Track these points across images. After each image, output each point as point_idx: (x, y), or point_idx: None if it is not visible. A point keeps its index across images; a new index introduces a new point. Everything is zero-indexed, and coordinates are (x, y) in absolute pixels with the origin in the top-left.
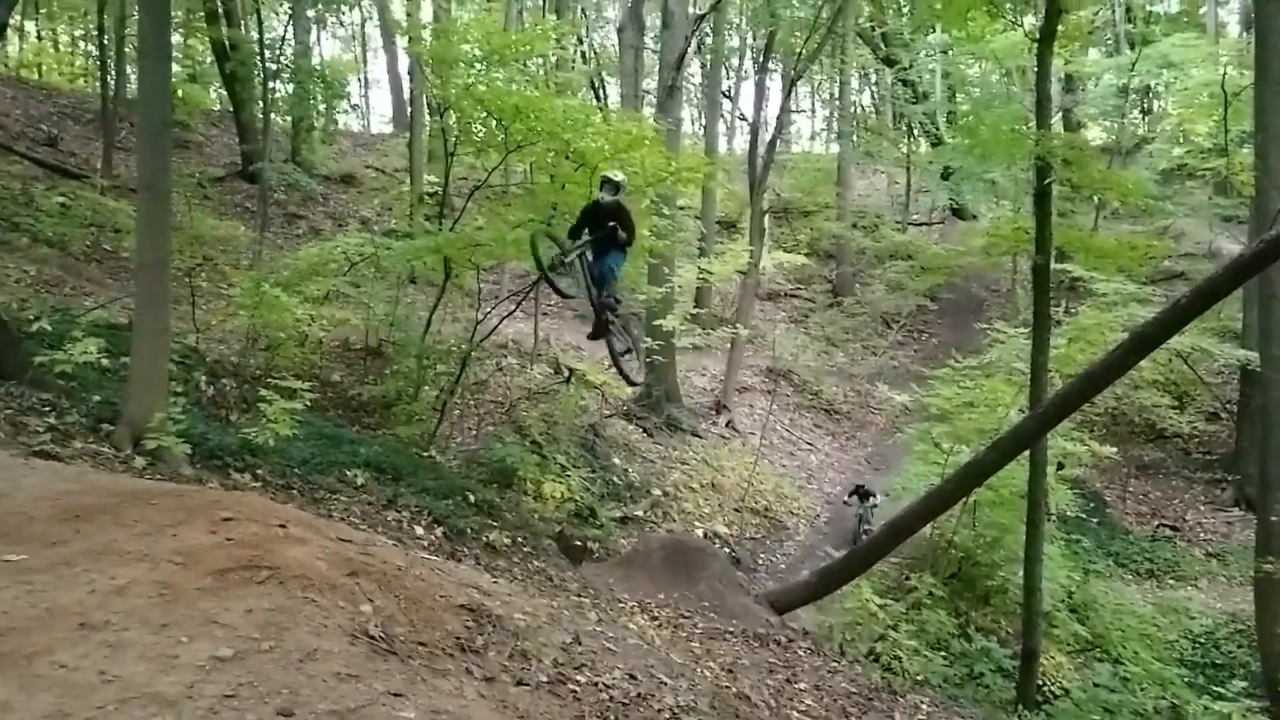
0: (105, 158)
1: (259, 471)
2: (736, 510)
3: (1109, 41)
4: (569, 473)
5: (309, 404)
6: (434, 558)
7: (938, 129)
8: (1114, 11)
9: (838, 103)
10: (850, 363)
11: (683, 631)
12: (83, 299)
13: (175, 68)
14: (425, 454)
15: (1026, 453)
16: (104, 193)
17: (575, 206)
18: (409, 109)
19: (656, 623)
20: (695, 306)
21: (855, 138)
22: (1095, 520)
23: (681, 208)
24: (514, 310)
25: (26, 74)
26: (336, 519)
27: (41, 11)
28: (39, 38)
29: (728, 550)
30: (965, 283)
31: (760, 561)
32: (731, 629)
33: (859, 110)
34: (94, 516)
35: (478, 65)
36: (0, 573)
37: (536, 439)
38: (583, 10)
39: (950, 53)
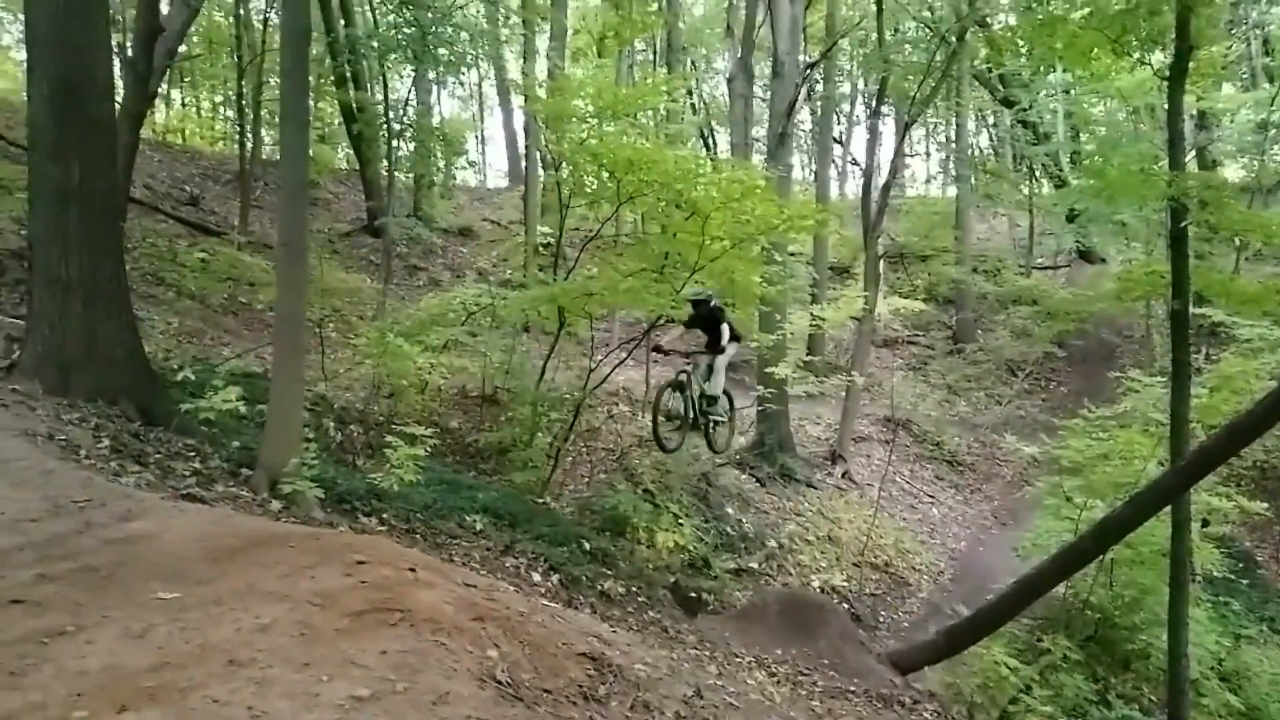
0: (242, 215)
1: (385, 515)
2: (855, 564)
3: (1244, 76)
4: (682, 522)
5: (430, 450)
6: (553, 604)
7: (1061, 170)
8: (1250, 45)
9: (954, 145)
10: (973, 412)
11: (802, 689)
12: (220, 349)
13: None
14: (540, 500)
15: (1168, 509)
16: (241, 248)
17: (686, 255)
18: (524, 163)
19: (775, 679)
20: (808, 354)
21: (974, 180)
22: (1245, 581)
23: (793, 254)
24: (625, 359)
25: (172, 138)
26: (458, 563)
27: (186, 80)
28: (183, 104)
29: (847, 606)
30: (1095, 329)
31: (881, 619)
32: (853, 688)
33: (977, 153)
34: (237, 557)
35: (590, 120)
36: (156, 610)
37: (649, 487)
38: (692, 62)
39: (1073, 92)
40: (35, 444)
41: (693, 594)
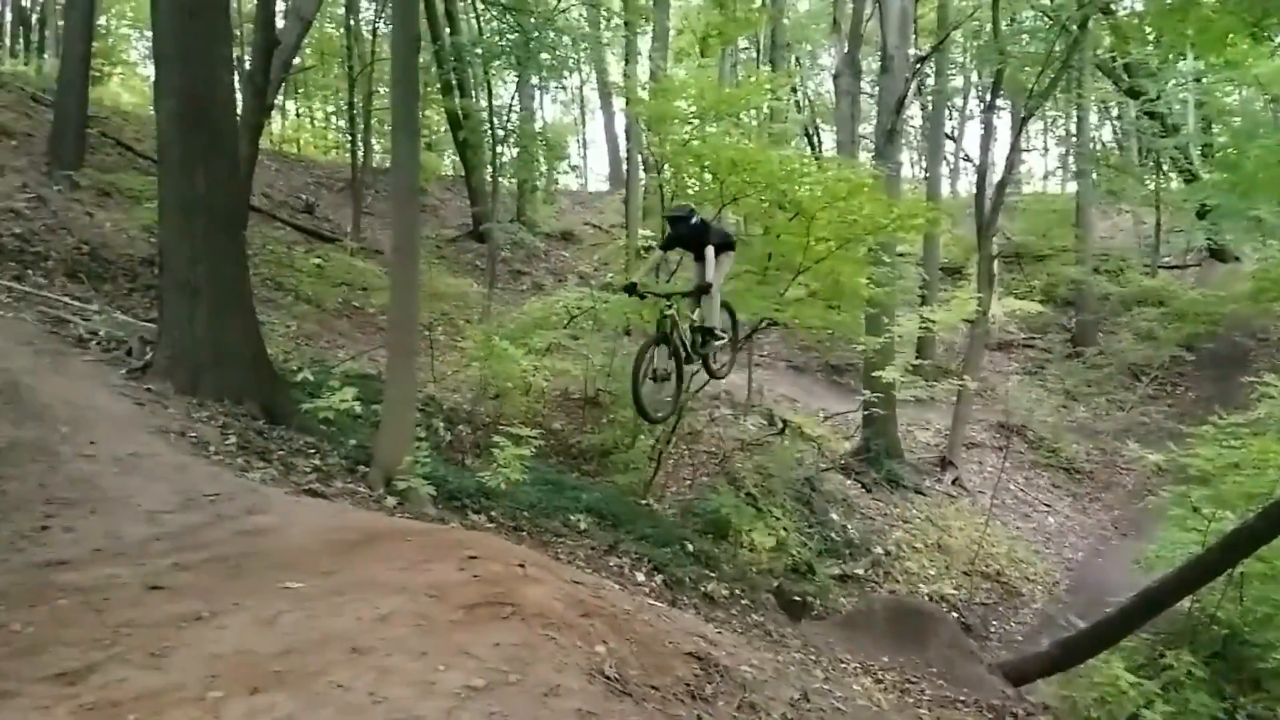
0: (354, 222)
1: (493, 513)
2: (965, 573)
3: None
4: (785, 527)
5: (534, 450)
6: (658, 604)
7: (1191, 164)
8: None
9: (1075, 140)
10: (1093, 418)
11: (910, 697)
12: (336, 351)
13: None
14: (642, 502)
15: None
16: (353, 254)
17: (790, 256)
18: (625, 166)
19: (882, 686)
20: (917, 357)
21: (1096, 176)
22: None
23: (902, 254)
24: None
25: (288, 148)
26: (564, 561)
27: (300, 91)
28: (298, 115)
29: (956, 615)
30: (1227, 331)
31: (993, 629)
32: (963, 698)
33: (1099, 147)
34: (356, 550)
35: (693, 121)
36: (282, 598)
37: (751, 491)
38: (797, 59)
39: (1205, 81)
40: (168, 440)
41: (796, 598)
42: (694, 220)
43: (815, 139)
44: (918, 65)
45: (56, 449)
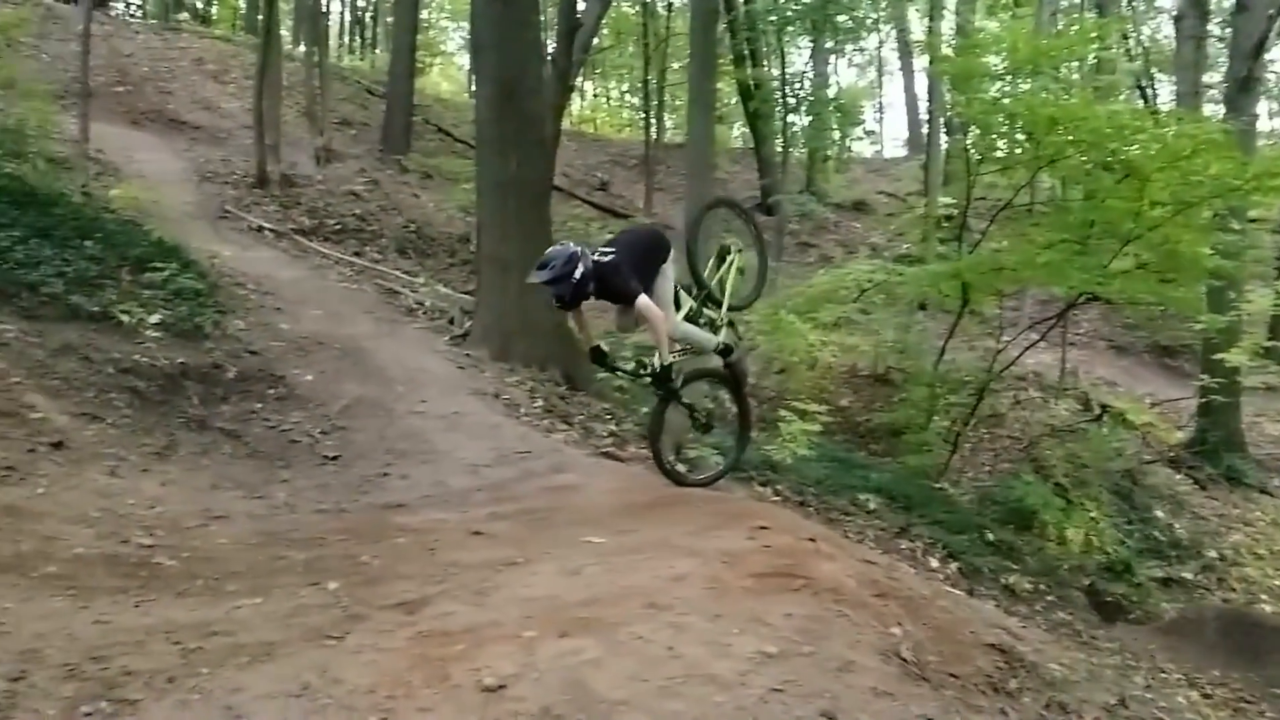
0: (646, 198)
1: (778, 487)
2: None
3: None
4: (1099, 522)
5: (821, 427)
6: (955, 592)
7: None
8: None
9: None
10: None
11: (1245, 717)
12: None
13: None
14: (936, 485)
15: None
16: None
17: (1117, 224)
18: (925, 130)
19: (1211, 702)
20: (1270, 339)
21: None
22: None
23: (1253, 220)
24: (1038, 340)
25: (585, 128)
26: (853, 540)
27: (597, 72)
28: (594, 95)
29: None
30: None
31: None
32: None
33: None
34: (650, 512)
35: (1005, 78)
36: (585, 552)
37: (1060, 481)
38: (1129, 1)
39: None
40: (485, 402)
41: (1110, 599)
42: (576, 272)
43: (1150, 91)
44: None
45: (392, 406)
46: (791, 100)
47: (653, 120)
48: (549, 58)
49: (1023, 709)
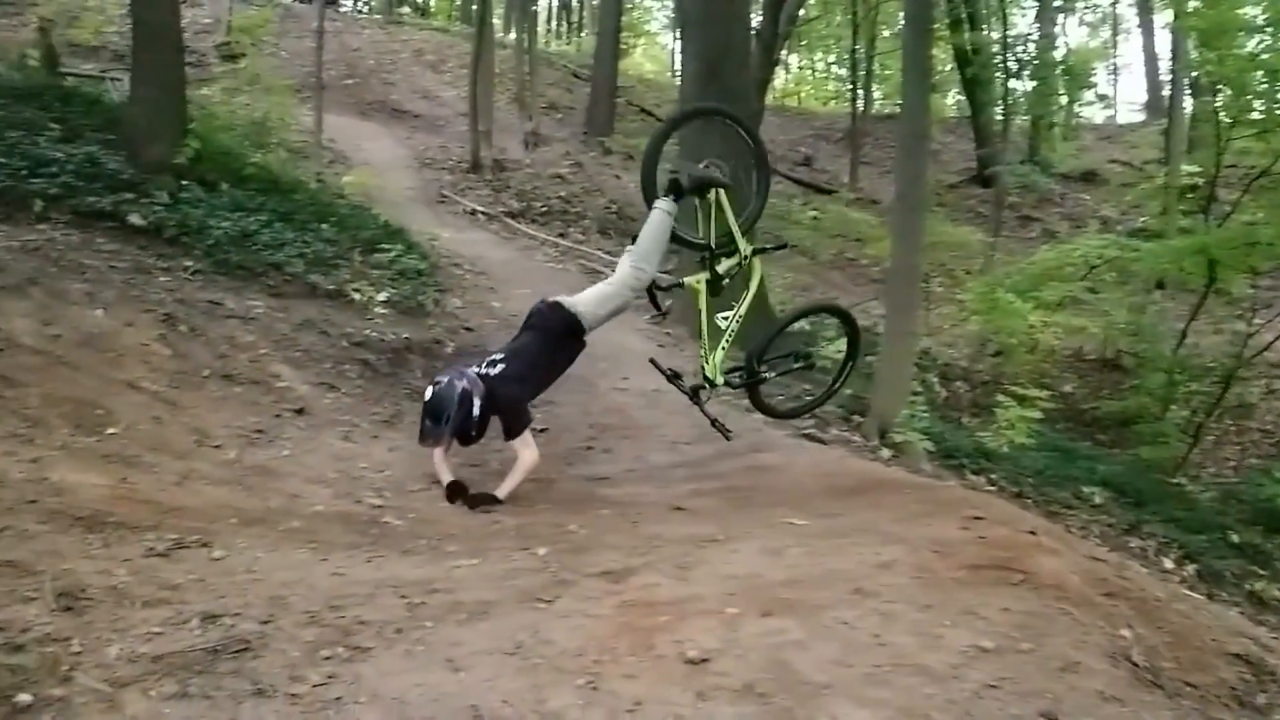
0: (851, 173)
1: (992, 476)
2: None
3: None
4: None
5: (1042, 414)
6: (1194, 596)
7: None
8: None
9: None
10: None
11: None
12: None
13: None
14: (1172, 481)
15: None
16: (848, 205)
17: None
18: (1167, 92)
19: None
20: None
21: None
22: None
23: None
24: None
25: (788, 102)
26: (1077, 536)
27: (803, 43)
28: (799, 68)
29: None
30: None
31: None
32: None
33: None
34: (855, 496)
35: (1265, 31)
36: (787, 533)
37: None
38: None
39: None
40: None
41: None
42: (475, 409)
43: None
44: None
45: (596, 381)
46: (1013, 64)
47: (860, 91)
48: (754, 31)
49: None
